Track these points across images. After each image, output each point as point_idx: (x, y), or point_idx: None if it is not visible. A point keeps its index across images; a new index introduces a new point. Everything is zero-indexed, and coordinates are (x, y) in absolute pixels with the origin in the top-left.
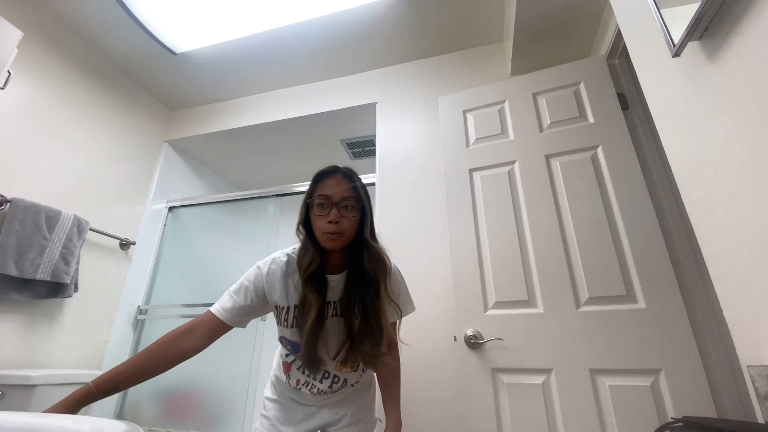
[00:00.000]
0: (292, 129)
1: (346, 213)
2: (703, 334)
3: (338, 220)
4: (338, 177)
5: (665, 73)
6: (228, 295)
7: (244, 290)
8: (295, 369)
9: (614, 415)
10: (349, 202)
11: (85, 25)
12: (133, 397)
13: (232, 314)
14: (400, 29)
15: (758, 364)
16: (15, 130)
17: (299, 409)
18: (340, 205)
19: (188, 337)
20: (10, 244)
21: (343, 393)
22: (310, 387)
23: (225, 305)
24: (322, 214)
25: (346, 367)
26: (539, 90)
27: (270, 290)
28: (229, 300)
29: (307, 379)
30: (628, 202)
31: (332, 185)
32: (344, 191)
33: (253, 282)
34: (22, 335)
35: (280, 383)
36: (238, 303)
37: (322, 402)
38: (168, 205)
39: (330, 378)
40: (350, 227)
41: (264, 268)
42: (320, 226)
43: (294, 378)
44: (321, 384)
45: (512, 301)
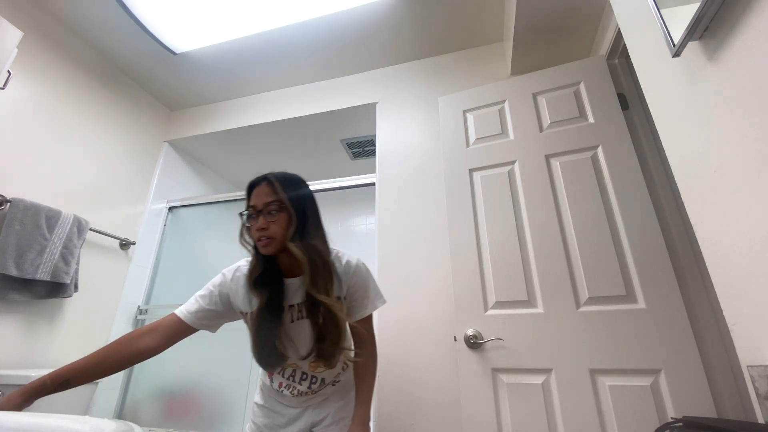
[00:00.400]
0: (292, 129)
1: (271, 218)
2: (703, 334)
3: (265, 227)
4: (263, 185)
5: (665, 73)
6: (194, 299)
7: (209, 294)
8: (277, 373)
9: (614, 415)
10: (272, 206)
11: (86, 25)
12: (133, 397)
13: (195, 317)
14: (401, 29)
15: (758, 364)
16: (15, 130)
17: (285, 412)
18: (265, 212)
19: (148, 337)
20: (10, 244)
21: (325, 393)
22: (291, 389)
23: (190, 308)
24: (252, 225)
25: (320, 366)
26: (539, 90)
27: (234, 296)
28: (195, 303)
29: (288, 382)
30: (628, 202)
31: (257, 194)
32: (267, 197)
33: (218, 287)
34: (22, 335)
35: (266, 387)
36: (203, 306)
37: (305, 403)
38: (168, 205)
39: (308, 379)
40: (279, 231)
41: (228, 275)
42: (253, 235)
43: (276, 381)
44: (300, 385)
45: (512, 301)
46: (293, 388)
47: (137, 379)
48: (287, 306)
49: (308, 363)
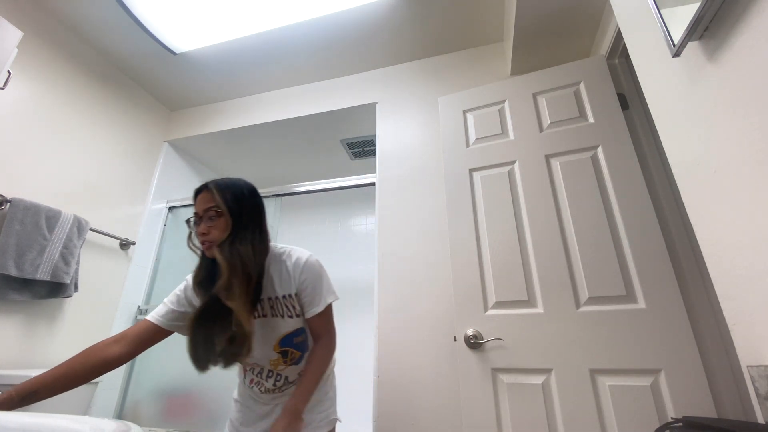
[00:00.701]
0: (292, 129)
1: (210, 223)
2: (703, 334)
3: (205, 232)
4: (204, 192)
5: (665, 73)
6: (162, 304)
7: (177, 298)
8: (248, 369)
9: (614, 415)
10: (210, 212)
11: (86, 25)
12: (133, 397)
13: (166, 318)
14: (401, 29)
15: (758, 364)
16: (15, 130)
17: (256, 408)
18: (205, 217)
19: (116, 346)
20: (10, 244)
21: (290, 392)
22: (260, 386)
23: (159, 312)
24: (196, 230)
25: (280, 363)
26: (539, 90)
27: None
28: (164, 307)
29: (257, 378)
30: (628, 202)
31: (199, 201)
32: (206, 203)
33: (183, 290)
34: (22, 335)
35: (241, 383)
36: (171, 309)
37: (274, 401)
38: (168, 205)
39: (273, 376)
40: (219, 235)
41: (190, 279)
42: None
43: (248, 378)
44: (267, 382)
45: (512, 301)
46: (261, 385)
47: (137, 379)
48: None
49: (269, 361)
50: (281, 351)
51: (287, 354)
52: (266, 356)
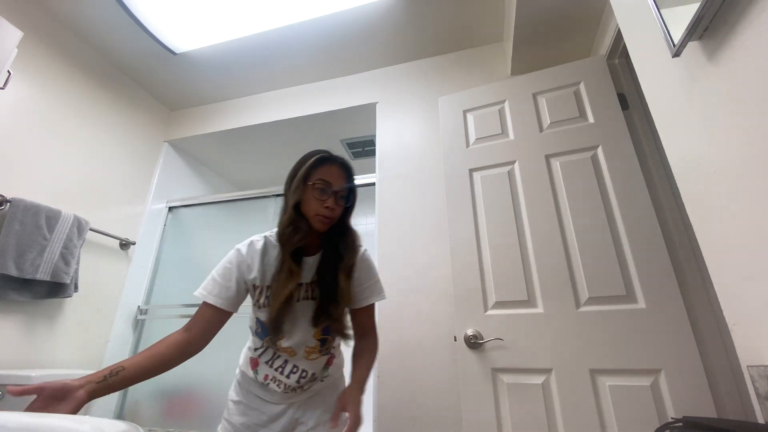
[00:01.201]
0: (292, 129)
1: (340, 201)
2: (703, 334)
3: (333, 208)
4: (338, 167)
5: (665, 73)
6: (212, 280)
7: (228, 272)
8: (264, 363)
9: (614, 415)
10: (344, 192)
11: (85, 25)
12: (133, 397)
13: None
14: (400, 29)
15: (758, 364)
16: (15, 130)
17: (266, 409)
18: (338, 195)
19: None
20: (10, 244)
21: (312, 390)
22: (277, 383)
23: (212, 290)
24: (320, 198)
25: (316, 352)
26: (539, 90)
27: (249, 270)
28: (215, 284)
29: (275, 374)
30: (628, 202)
31: (333, 173)
32: (343, 182)
33: (235, 264)
34: (22, 335)
35: (246, 380)
36: (224, 285)
37: (289, 400)
38: (168, 205)
39: (298, 372)
40: (339, 214)
41: (243, 249)
42: (315, 208)
43: (262, 373)
44: (288, 379)
45: (512, 301)
46: (280, 382)
47: None
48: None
49: (304, 347)
50: (321, 338)
51: (325, 342)
52: (304, 342)
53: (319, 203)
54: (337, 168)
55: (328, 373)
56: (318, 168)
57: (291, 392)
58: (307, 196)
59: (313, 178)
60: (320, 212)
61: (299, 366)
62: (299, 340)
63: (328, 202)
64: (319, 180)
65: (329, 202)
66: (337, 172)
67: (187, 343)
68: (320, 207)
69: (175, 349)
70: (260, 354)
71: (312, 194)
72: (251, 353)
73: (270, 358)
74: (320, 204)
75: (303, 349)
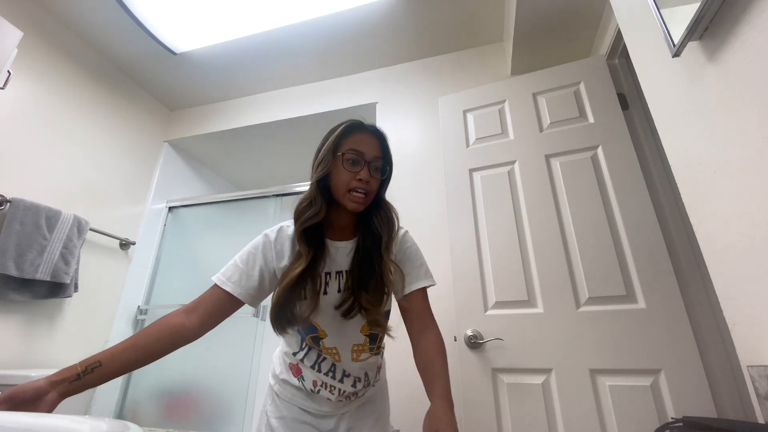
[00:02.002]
0: (292, 129)
1: (375, 174)
2: (703, 334)
3: (368, 180)
4: (369, 134)
5: (665, 73)
6: (234, 266)
7: (252, 258)
8: (308, 368)
9: (614, 415)
10: (378, 162)
11: (85, 25)
12: (133, 397)
13: (239, 286)
14: (400, 29)
15: (758, 364)
16: (15, 130)
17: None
18: (372, 165)
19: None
20: (10, 244)
21: (365, 397)
22: (330, 389)
23: (233, 277)
24: (352, 170)
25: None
26: (539, 90)
27: (278, 257)
28: (236, 270)
29: (326, 380)
30: (628, 202)
31: (365, 141)
32: (376, 150)
33: (261, 251)
34: (22, 335)
35: (289, 391)
36: (246, 272)
37: (341, 410)
38: (168, 205)
39: (351, 378)
40: (375, 189)
41: (272, 235)
42: (346, 181)
43: (309, 379)
44: (343, 384)
45: (512, 301)
46: (333, 388)
47: (137, 379)
48: (323, 273)
49: (351, 346)
50: (370, 334)
51: (376, 339)
52: (350, 340)
53: (351, 175)
54: (370, 136)
55: (379, 377)
56: (348, 137)
57: (345, 399)
58: (336, 169)
59: (343, 148)
60: (353, 186)
61: (349, 371)
62: (343, 340)
63: (362, 173)
64: (350, 150)
65: (363, 173)
66: (371, 140)
67: (185, 328)
68: (353, 180)
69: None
70: (302, 358)
71: (342, 166)
72: (289, 358)
73: (315, 361)
74: (352, 176)
75: (350, 350)
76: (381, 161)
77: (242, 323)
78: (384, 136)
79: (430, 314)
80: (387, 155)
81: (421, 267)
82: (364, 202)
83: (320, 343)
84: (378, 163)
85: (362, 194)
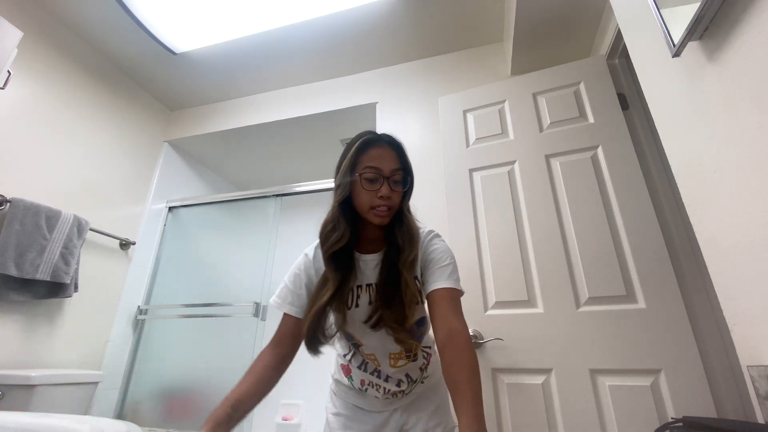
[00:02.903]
0: (292, 129)
1: (395, 187)
2: (703, 334)
3: (390, 195)
4: (385, 146)
5: (665, 73)
6: (286, 288)
7: (297, 279)
8: (356, 368)
9: (614, 415)
10: (398, 175)
11: (85, 25)
12: (133, 397)
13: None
14: (400, 29)
15: (758, 364)
16: (15, 130)
17: (367, 419)
18: (391, 180)
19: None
20: (10, 244)
21: (413, 394)
22: (376, 388)
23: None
24: (371, 189)
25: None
26: (539, 90)
27: (317, 274)
28: (288, 292)
29: (372, 379)
30: (628, 202)
31: (382, 156)
32: (393, 162)
33: (303, 270)
34: (22, 335)
35: (342, 389)
36: (295, 292)
37: (391, 406)
38: (168, 205)
39: (394, 379)
40: (398, 201)
41: (311, 254)
42: (368, 200)
43: (357, 379)
44: (387, 383)
45: (512, 301)
46: (379, 387)
47: (137, 379)
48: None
49: (388, 355)
50: None
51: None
52: (386, 349)
53: (372, 194)
54: (386, 148)
55: (427, 374)
56: (364, 153)
57: (392, 397)
58: (357, 190)
59: (359, 167)
60: (375, 203)
61: (390, 374)
62: (379, 348)
63: (382, 190)
64: (367, 168)
65: (383, 190)
66: (387, 153)
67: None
68: (374, 198)
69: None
70: (350, 359)
71: (362, 186)
72: (340, 359)
73: (361, 362)
74: (373, 195)
75: (387, 357)
76: (401, 173)
77: (242, 323)
78: (400, 146)
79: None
80: (406, 165)
81: (444, 268)
82: (388, 215)
83: (360, 349)
84: (397, 176)
85: (385, 209)
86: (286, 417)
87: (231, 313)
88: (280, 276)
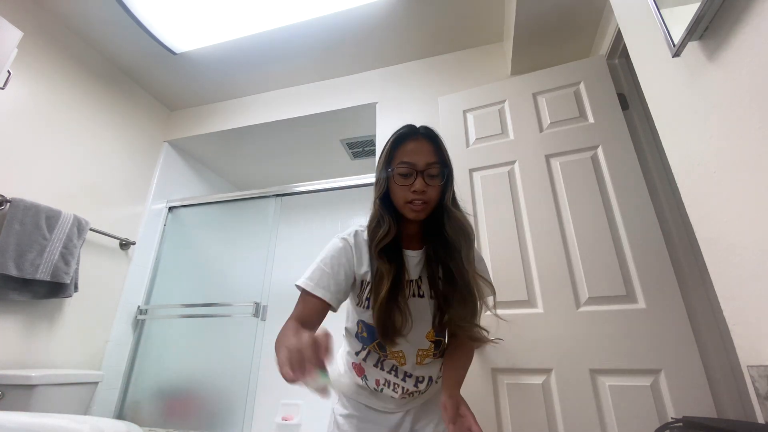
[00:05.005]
0: (292, 129)
1: (431, 181)
2: (703, 334)
3: (424, 190)
4: (420, 139)
5: (665, 73)
6: (320, 270)
7: (337, 262)
8: (372, 366)
9: (614, 415)
10: (433, 169)
11: (85, 25)
12: (133, 397)
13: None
14: (400, 29)
15: (758, 364)
16: (15, 130)
17: (380, 420)
18: (425, 174)
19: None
20: (10, 244)
21: (428, 394)
22: (393, 387)
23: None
24: (405, 184)
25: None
26: (539, 90)
27: (358, 263)
28: (323, 274)
29: (389, 378)
30: (628, 202)
31: (415, 150)
32: (428, 156)
33: (344, 255)
34: (22, 335)
35: (357, 392)
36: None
37: (405, 407)
38: (168, 205)
39: (413, 378)
40: (435, 196)
41: (351, 240)
42: (403, 196)
43: (372, 378)
44: (405, 382)
45: (512, 301)
46: (396, 386)
47: (137, 379)
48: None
49: (416, 350)
50: (435, 340)
51: (440, 345)
52: (416, 345)
53: (406, 189)
54: (422, 142)
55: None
56: (399, 148)
57: (408, 397)
58: (392, 185)
59: (394, 162)
60: (409, 198)
61: (411, 372)
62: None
63: (416, 184)
64: (400, 163)
65: (417, 184)
66: (422, 146)
67: None
68: (408, 193)
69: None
70: (364, 357)
71: (395, 182)
72: (352, 358)
73: (377, 360)
74: (407, 189)
75: (415, 354)
76: (437, 167)
77: (242, 323)
78: (437, 138)
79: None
80: (443, 157)
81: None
82: (423, 210)
83: (386, 348)
84: (433, 170)
85: (420, 203)
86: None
87: (231, 313)
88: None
